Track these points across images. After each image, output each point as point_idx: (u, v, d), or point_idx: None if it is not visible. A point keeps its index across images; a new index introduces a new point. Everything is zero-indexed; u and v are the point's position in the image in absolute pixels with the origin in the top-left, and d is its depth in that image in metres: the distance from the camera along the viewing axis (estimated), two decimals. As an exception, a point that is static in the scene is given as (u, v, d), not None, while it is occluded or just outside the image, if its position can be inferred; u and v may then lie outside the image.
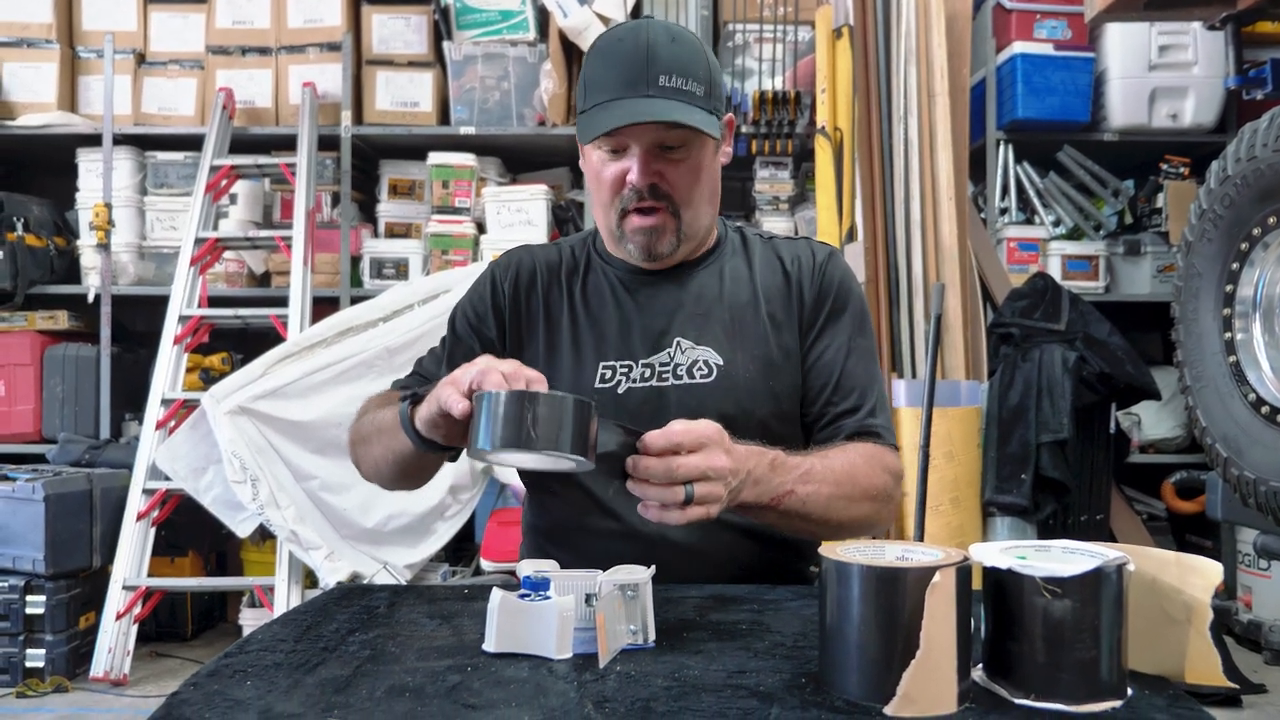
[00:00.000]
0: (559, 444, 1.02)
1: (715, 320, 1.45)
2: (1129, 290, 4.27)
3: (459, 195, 4.21)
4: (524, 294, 1.50)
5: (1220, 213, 2.42)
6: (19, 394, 4.17)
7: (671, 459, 1.09)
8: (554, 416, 1.02)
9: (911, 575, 0.83)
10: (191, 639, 3.98)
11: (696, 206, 1.41)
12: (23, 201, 4.26)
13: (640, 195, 1.37)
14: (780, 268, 1.50)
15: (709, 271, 1.49)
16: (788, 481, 1.23)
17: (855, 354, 1.47)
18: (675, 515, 1.10)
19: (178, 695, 0.88)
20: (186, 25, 4.46)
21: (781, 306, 1.47)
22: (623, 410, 1.40)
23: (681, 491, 1.09)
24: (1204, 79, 4.14)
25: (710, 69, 1.38)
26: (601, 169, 1.40)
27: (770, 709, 0.84)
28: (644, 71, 1.32)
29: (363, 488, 3.41)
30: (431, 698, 0.87)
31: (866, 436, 1.43)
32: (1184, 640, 0.92)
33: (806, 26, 4.18)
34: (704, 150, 1.39)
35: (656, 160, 1.37)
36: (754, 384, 1.42)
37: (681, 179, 1.38)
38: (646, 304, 1.46)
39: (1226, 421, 2.40)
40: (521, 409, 1.02)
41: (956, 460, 3.32)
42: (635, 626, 1.02)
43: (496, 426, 1.03)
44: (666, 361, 1.42)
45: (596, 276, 1.50)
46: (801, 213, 4.26)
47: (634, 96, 1.32)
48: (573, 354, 1.45)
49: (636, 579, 1.03)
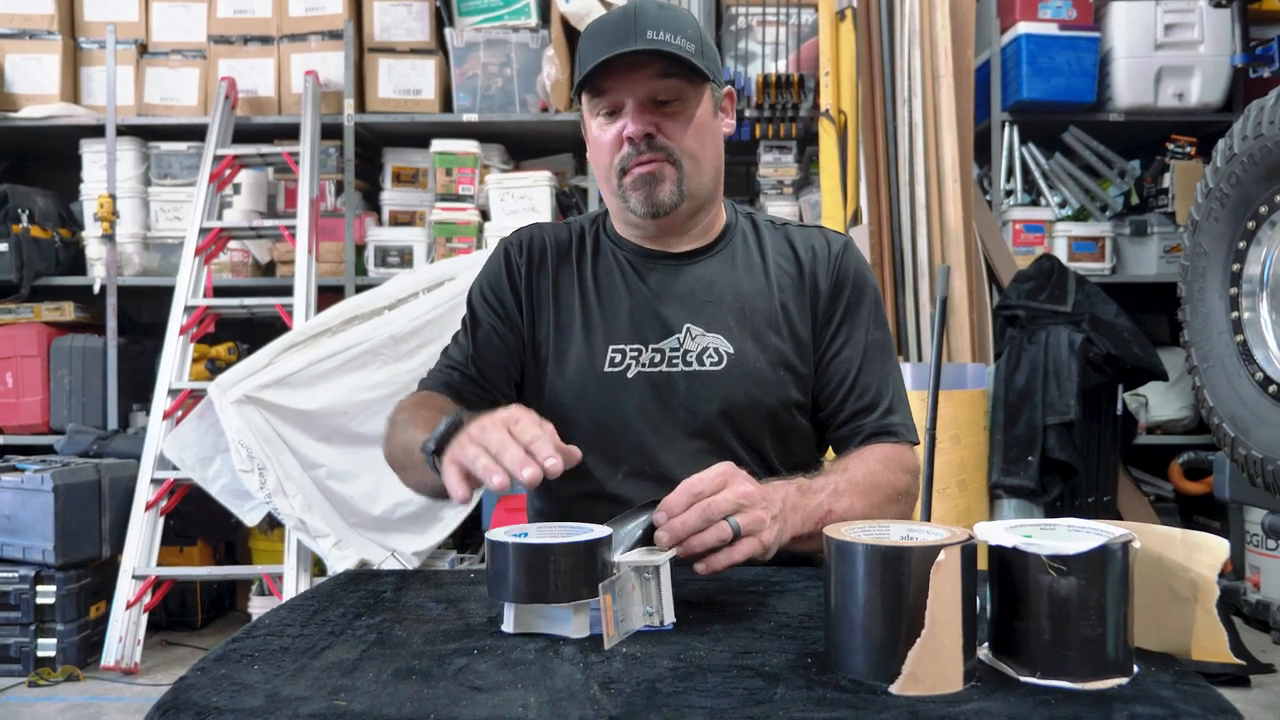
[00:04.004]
0: (575, 595, 0.98)
1: (726, 308, 1.43)
2: (1135, 271, 4.25)
3: (462, 182, 4.21)
4: (536, 270, 1.49)
5: (1227, 192, 2.40)
6: (26, 385, 4.18)
7: (702, 503, 1.07)
8: (570, 568, 0.98)
9: (916, 554, 0.82)
10: (201, 628, 4.00)
11: (697, 159, 1.40)
12: (27, 193, 4.27)
13: (638, 149, 1.36)
14: (794, 255, 1.48)
15: (720, 258, 1.47)
16: (823, 501, 1.22)
17: (872, 349, 1.46)
18: (729, 555, 1.07)
19: (185, 680, 0.89)
20: (188, 15, 4.46)
21: (794, 295, 1.46)
22: (631, 396, 1.40)
23: (728, 527, 1.06)
24: (1210, 57, 4.11)
25: (701, 33, 1.37)
26: (600, 135, 1.39)
27: (776, 689, 0.84)
28: (631, 28, 1.32)
29: (370, 475, 3.42)
30: (438, 680, 0.87)
31: (885, 435, 1.42)
32: (1190, 617, 0.91)
33: (809, 9, 4.16)
34: (700, 105, 1.38)
35: (651, 112, 1.36)
36: (764, 373, 1.41)
37: (678, 130, 1.37)
38: (656, 289, 1.45)
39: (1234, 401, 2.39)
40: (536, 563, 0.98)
41: (963, 443, 3.32)
42: (651, 608, 1.01)
43: (515, 582, 0.99)
44: (676, 347, 1.41)
45: (606, 259, 1.49)
46: (806, 196, 4.25)
47: (620, 48, 1.31)
48: (583, 335, 1.44)
49: (655, 560, 1.02)
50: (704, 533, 1.06)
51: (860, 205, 3.63)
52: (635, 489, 1.37)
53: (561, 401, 1.43)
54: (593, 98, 1.38)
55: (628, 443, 1.40)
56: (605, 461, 1.40)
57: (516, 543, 0.98)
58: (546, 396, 1.44)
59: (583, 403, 1.42)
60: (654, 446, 1.40)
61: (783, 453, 1.45)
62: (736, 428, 1.41)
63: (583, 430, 1.40)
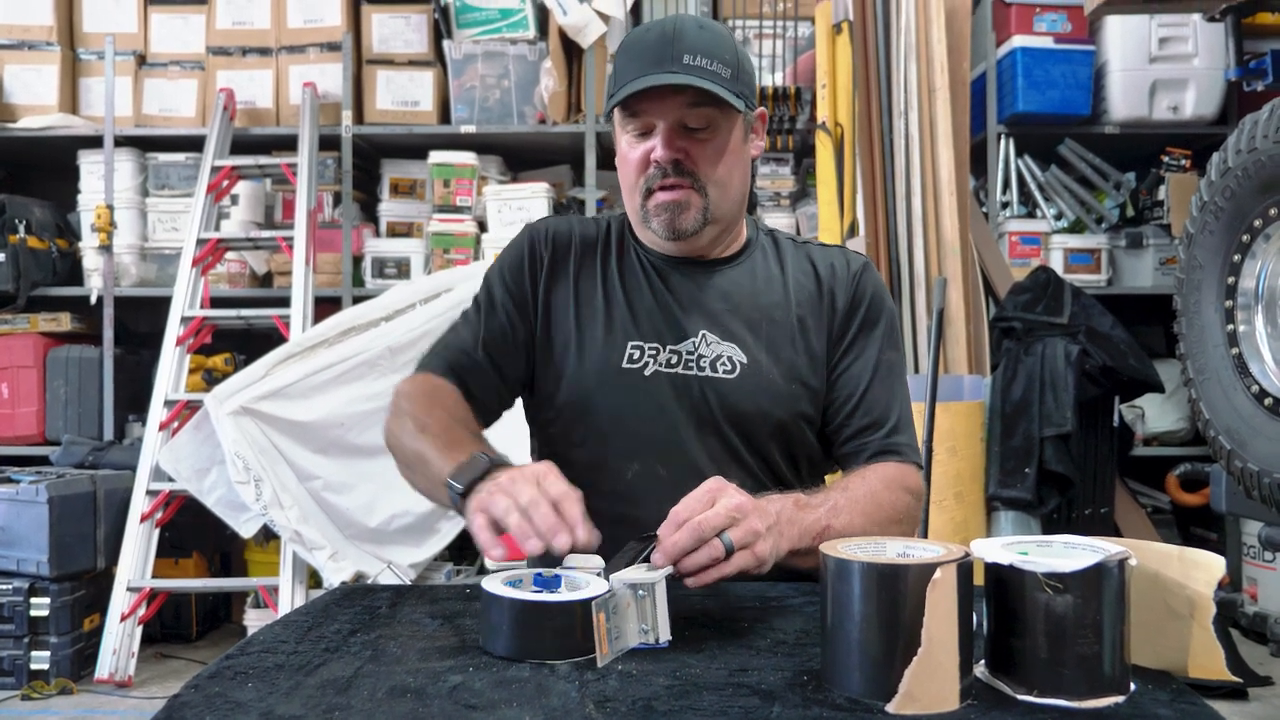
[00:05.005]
0: (567, 653, 0.98)
1: (742, 318, 1.44)
2: (1131, 283, 4.26)
3: (460, 194, 4.21)
4: (560, 260, 1.49)
5: (1221, 205, 2.41)
6: (22, 396, 4.17)
7: (693, 521, 1.06)
8: (561, 627, 0.98)
9: (913, 572, 0.82)
10: (196, 640, 3.99)
11: (724, 188, 1.40)
12: (24, 204, 4.26)
13: (664, 172, 1.37)
14: (813, 272, 1.49)
15: (740, 270, 1.48)
16: (821, 517, 1.21)
17: (883, 369, 1.46)
18: (720, 569, 1.07)
19: (178, 698, 0.88)
20: (187, 26, 4.46)
21: (812, 311, 1.47)
22: (648, 395, 1.40)
23: (720, 545, 1.06)
24: (1204, 71, 4.13)
25: (739, 56, 1.37)
26: (629, 152, 1.40)
27: (772, 707, 0.83)
28: (669, 50, 1.32)
29: (366, 487, 3.41)
30: (433, 698, 0.87)
31: (890, 454, 1.42)
32: (1187, 634, 0.91)
33: (806, 22, 4.17)
34: (731, 133, 1.39)
35: (681, 138, 1.36)
36: (776, 386, 1.42)
37: (706, 158, 1.38)
38: (677, 293, 1.45)
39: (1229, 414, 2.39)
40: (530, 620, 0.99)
41: (960, 455, 3.31)
42: (646, 626, 1.00)
43: (506, 638, 1.00)
44: (691, 352, 1.42)
45: (631, 258, 1.49)
46: (803, 208, 4.25)
47: (658, 73, 1.32)
48: (604, 329, 1.44)
49: (650, 579, 1.01)
50: (696, 552, 1.06)
51: (857, 217, 3.64)
52: (646, 485, 1.39)
53: (578, 394, 1.43)
54: (625, 116, 1.38)
55: (642, 438, 1.40)
56: (618, 456, 1.41)
57: (512, 598, 0.98)
58: (564, 388, 1.44)
59: (600, 396, 1.42)
60: (668, 444, 1.40)
61: (790, 466, 1.46)
62: (746, 436, 1.41)
63: (598, 424, 1.42)
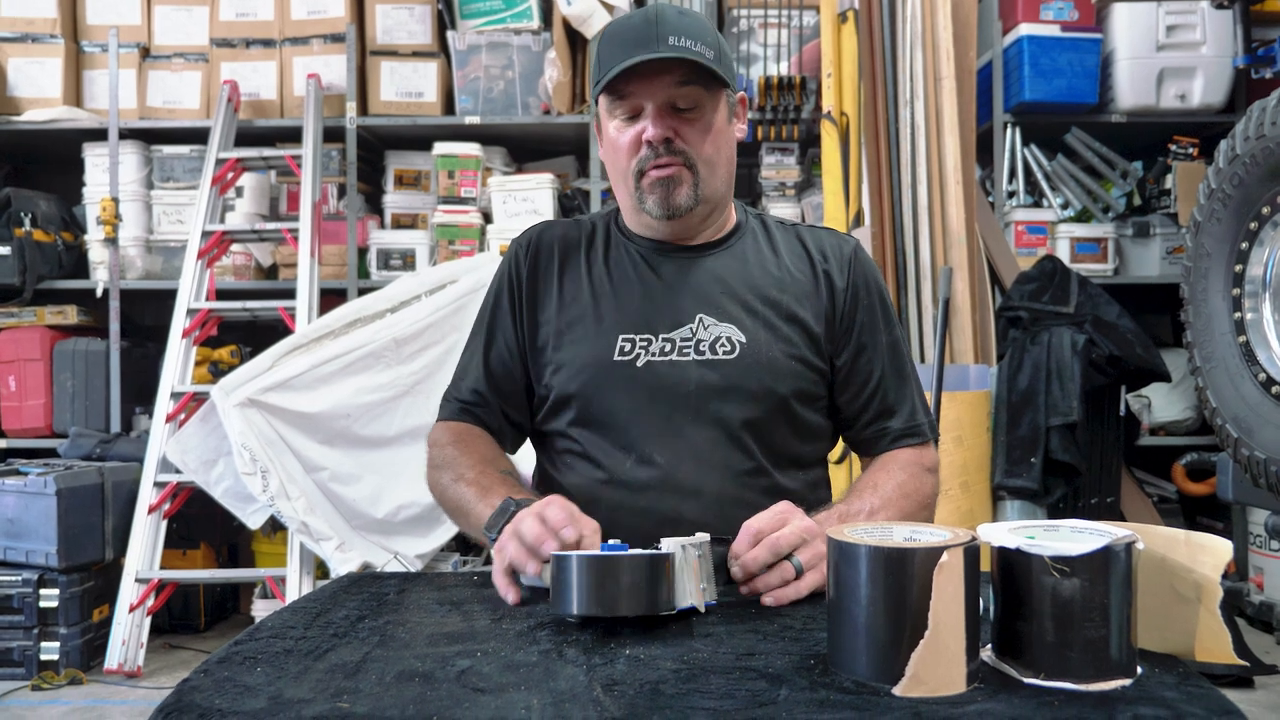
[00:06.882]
0: (643, 606, 1.01)
1: (738, 299, 1.46)
2: (1138, 272, 4.24)
3: (465, 185, 4.21)
4: (542, 267, 1.52)
5: (1229, 192, 2.40)
6: (29, 389, 4.18)
7: (770, 538, 1.15)
8: (635, 580, 1.01)
9: (919, 555, 0.82)
10: (205, 631, 4.00)
11: (712, 166, 1.43)
12: (30, 197, 4.27)
13: (657, 152, 1.39)
14: (805, 253, 1.51)
15: (731, 252, 1.50)
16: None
17: (892, 352, 1.51)
18: (796, 589, 1.15)
19: (188, 682, 0.89)
20: (190, 18, 4.46)
21: (807, 290, 1.48)
22: (641, 385, 1.41)
23: (791, 566, 1.15)
24: (1212, 58, 4.11)
25: (719, 40, 1.41)
26: (618, 137, 1.42)
27: (779, 690, 0.84)
28: (653, 31, 1.35)
29: (373, 478, 3.42)
30: (441, 682, 0.87)
31: (908, 438, 1.48)
32: (1194, 618, 0.91)
33: (811, 11, 4.16)
34: (717, 112, 1.42)
35: (670, 118, 1.39)
36: (777, 362, 1.43)
37: (696, 136, 1.40)
38: (669, 279, 1.47)
39: (1237, 402, 2.38)
40: (602, 575, 1.01)
41: (966, 445, 3.31)
42: (704, 585, 1.09)
43: (580, 592, 1.02)
44: (688, 337, 1.43)
45: (618, 251, 1.51)
46: (808, 198, 4.24)
47: (645, 54, 1.34)
48: (594, 325, 1.46)
49: (699, 541, 1.10)
50: (769, 573, 1.15)
51: (863, 207, 3.63)
52: (644, 476, 1.40)
53: (571, 391, 1.44)
54: (612, 100, 1.41)
55: (637, 431, 1.41)
56: (615, 449, 1.42)
57: (586, 554, 1.02)
58: (557, 388, 1.46)
59: (593, 391, 1.43)
60: (664, 435, 1.41)
61: (792, 444, 1.46)
62: (748, 416, 1.42)
63: (593, 418, 1.43)
